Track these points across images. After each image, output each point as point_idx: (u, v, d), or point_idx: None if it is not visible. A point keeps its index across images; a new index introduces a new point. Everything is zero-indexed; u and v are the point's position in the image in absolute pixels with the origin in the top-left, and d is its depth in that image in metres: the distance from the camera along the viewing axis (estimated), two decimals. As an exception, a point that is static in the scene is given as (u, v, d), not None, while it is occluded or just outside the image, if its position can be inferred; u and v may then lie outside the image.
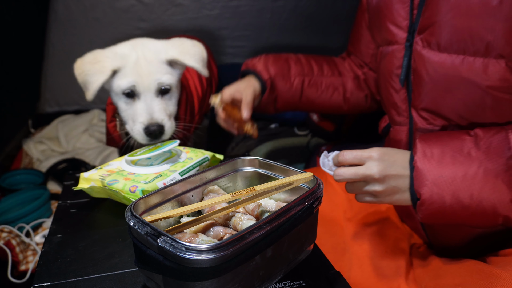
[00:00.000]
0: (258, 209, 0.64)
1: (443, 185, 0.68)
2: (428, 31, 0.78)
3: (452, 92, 0.77)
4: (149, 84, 0.98)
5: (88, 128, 2.00)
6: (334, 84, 1.12)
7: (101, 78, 0.96)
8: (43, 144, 1.93)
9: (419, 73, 0.81)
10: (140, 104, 0.98)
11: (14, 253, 1.23)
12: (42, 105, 2.08)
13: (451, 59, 0.75)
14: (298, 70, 1.10)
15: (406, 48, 0.83)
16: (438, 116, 0.81)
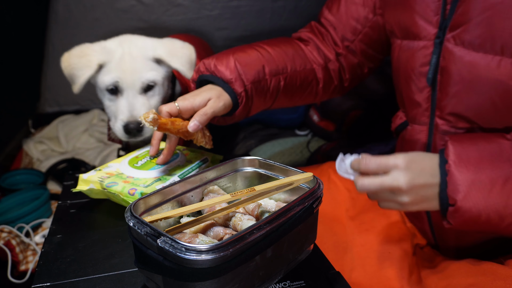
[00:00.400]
0: (258, 209, 0.64)
1: (482, 191, 0.64)
2: (462, 28, 0.73)
3: (482, 94, 0.74)
4: (132, 81, 0.97)
5: (88, 128, 2.00)
6: (308, 79, 0.99)
7: (88, 72, 0.97)
8: (43, 144, 1.93)
9: (449, 72, 0.77)
10: (122, 101, 0.98)
11: (14, 253, 1.23)
12: (42, 105, 2.07)
13: (487, 59, 0.71)
14: (273, 68, 0.93)
15: (435, 45, 0.78)
16: (462, 119, 0.79)
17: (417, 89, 0.84)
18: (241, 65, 0.89)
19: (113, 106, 1.00)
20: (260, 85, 0.91)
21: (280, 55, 0.95)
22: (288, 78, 0.96)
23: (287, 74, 0.95)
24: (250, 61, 0.91)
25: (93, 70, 0.97)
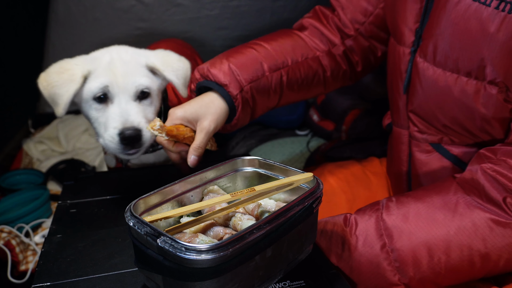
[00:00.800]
0: (258, 209, 0.64)
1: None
2: (425, 41, 0.75)
3: (443, 108, 0.75)
4: (125, 85, 0.84)
5: (88, 128, 2.00)
6: (312, 68, 0.93)
7: (72, 88, 0.83)
8: (43, 144, 1.93)
9: (414, 84, 0.78)
10: (114, 108, 0.83)
11: (14, 253, 1.23)
12: (42, 105, 2.07)
13: (445, 76, 0.72)
14: (272, 64, 0.88)
15: (411, 53, 0.79)
16: (431, 126, 0.80)
17: (398, 93, 0.86)
18: (236, 66, 0.85)
19: (102, 116, 0.84)
20: (261, 84, 0.87)
21: (278, 49, 0.91)
22: (290, 71, 0.91)
23: (288, 67, 0.90)
24: (246, 61, 0.87)
25: (78, 84, 0.83)
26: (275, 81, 0.89)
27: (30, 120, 2.04)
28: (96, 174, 0.96)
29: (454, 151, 0.81)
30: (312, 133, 1.85)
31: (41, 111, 2.09)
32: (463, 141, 0.79)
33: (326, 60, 0.95)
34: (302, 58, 0.92)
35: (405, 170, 0.91)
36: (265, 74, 0.87)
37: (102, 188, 0.89)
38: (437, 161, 0.82)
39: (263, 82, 0.87)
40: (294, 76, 0.91)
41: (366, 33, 0.95)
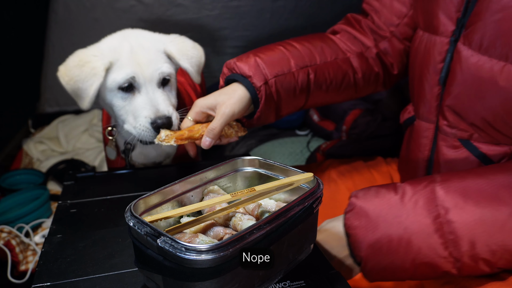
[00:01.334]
0: (258, 209, 0.64)
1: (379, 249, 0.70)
2: (471, 28, 0.72)
3: (484, 99, 0.73)
4: (150, 74, 0.86)
5: (88, 128, 2.00)
6: (342, 69, 0.93)
7: (96, 82, 0.84)
8: (43, 144, 1.93)
9: (454, 72, 0.76)
10: (142, 98, 0.86)
11: (14, 253, 1.23)
12: (42, 105, 2.07)
13: (491, 64, 0.70)
14: (299, 61, 0.88)
15: (450, 43, 0.77)
16: (464, 121, 0.78)
17: (429, 86, 0.83)
18: (263, 61, 0.85)
19: (129, 105, 0.87)
20: (286, 79, 0.86)
21: (307, 48, 0.91)
22: (319, 70, 0.90)
23: (316, 66, 0.90)
24: (273, 56, 0.87)
25: (102, 78, 0.85)
26: (301, 79, 0.88)
27: (30, 120, 2.05)
28: (96, 174, 0.96)
29: (483, 149, 0.79)
30: (312, 133, 1.85)
31: (41, 111, 2.09)
32: (494, 139, 0.77)
33: (357, 62, 0.95)
34: (331, 58, 0.92)
35: (424, 165, 0.89)
36: (292, 70, 0.87)
37: (102, 188, 0.89)
38: (464, 157, 0.81)
39: (288, 78, 0.86)
40: (322, 76, 0.91)
41: (401, 35, 0.95)
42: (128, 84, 0.86)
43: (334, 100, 0.99)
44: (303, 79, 0.88)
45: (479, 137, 0.79)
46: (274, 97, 0.86)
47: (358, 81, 0.96)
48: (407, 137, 0.96)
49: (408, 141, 0.95)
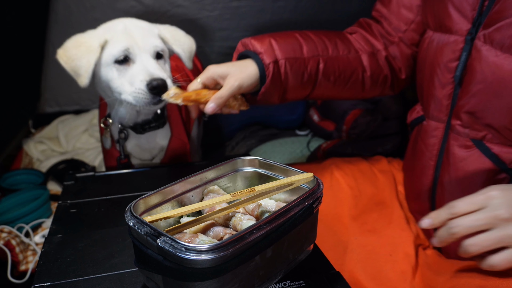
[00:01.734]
0: (258, 209, 0.64)
1: None
2: (495, 27, 0.72)
3: (503, 98, 0.73)
4: (144, 46, 0.92)
5: (88, 128, 2.00)
6: (352, 65, 0.95)
7: (92, 58, 0.89)
8: (43, 144, 1.93)
9: (473, 70, 0.76)
10: (137, 66, 0.90)
11: (14, 253, 1.23)
12: (42, 105, 2.07)
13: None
14: (311, 49, 0.91)
15: (466, 41, 0.77)
16: (479, 121, 0.78)
17: (440, 85, 0.83)
18: (277, 42, 0.88)
19: (125, 75, 0.91)
20: (296, 63, 0.89)
21: (321, 40, 0.94)
22: (329, 61, 0.92)
23: (328, 57, 0.92)
24: (287, 40, 0.90)
25: (97, 54, 0.90)
26: (311, 66, 0.91)
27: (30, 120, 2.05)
28: (96, 174, 0.96)
29: (495, 150, 0.79)
30: (312, 133, 1.85)
31: (41, 111, 2.09)
32: (508, 140, 0.76)
33: (367, 61, 0.97)
34: (343, 52, 0.95)
35: (432, 164, 0.89)
36: (303, 56, 0.90)
37: (102, 188, 0.89)
38: (475, 158, 0.81)
39: (298, 62, 0.89)
40: (331, 67, 0.93)
41: (408, 41, 0.97)
42: (123, 56, 0.91)
43: (341, 94, 1.00)
44: (313, 66, 0.91)
45: (493, 138, 0.78)
46: (281, 78, 0.88)
47: (366, 79, 0.98)
48: (414, 137, 0.96)
49: (415, 140, 0.94)
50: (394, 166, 1.09)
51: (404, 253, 0.87)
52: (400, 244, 0.89)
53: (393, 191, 1.02)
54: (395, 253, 0.87)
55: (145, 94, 0.88)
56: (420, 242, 0.92)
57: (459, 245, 0.63)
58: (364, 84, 0.98)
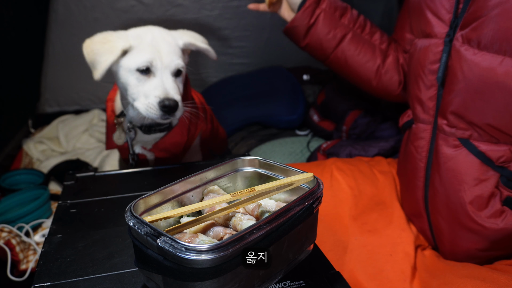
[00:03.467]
0: (258, 209, 0.64)
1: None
2: (470, 27, 0.75)
3: (483, 94, 0.74)
4: (168, 63, 0.97)
5: (88, 128, 2.00)
6: (374, 53, 1.04)
7: (110, 58, 0.95)
8: (43, 144, 1.93)
9: (453, 70, 0.78)
10: (155, 80, 0.96)
11: (14, 252, 1.23)
12: (42, 105, 2.07)
13: (490, 59, 0.72)
14: (349, 22, 1.04)
15: (445, 43, 0.80)
16: (463, 120, 0.79)
17: (425, 87, 0.85)
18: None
19: (142, 86, 0.96)
20: (330, 19, 1.01)
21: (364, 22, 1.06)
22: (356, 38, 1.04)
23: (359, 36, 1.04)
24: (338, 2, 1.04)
25: (116, 56, 0.96)
26: (340, 31, 1.03)
27: (30, 120, 2.05)
28: (96, 174, 0.96)
29: (482, 148, 0.80)
30: (312, 133, 1.85)
31: (41, 111, 2.09)
32: (493, 137, 0.78)
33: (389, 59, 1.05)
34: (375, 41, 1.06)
35: (422, 165, 0.90)
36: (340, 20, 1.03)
37: (102, 188, 0.89)
38: (463, 156, 0.82)
39: (333, 21, 1.02)
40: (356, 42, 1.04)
41: None
42: (145, 67, 0.96)
43: (353, 75, 1.08)
44: (340, 32, 1.03)
45: (479, 136, 0.79)
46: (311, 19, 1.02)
47: (380, 74, 1.04)
48: (405, 140, 0.97)
49: (406, 144, 0.95)
50: (394, 167, 1.09)
51: (404, 252, 0.87)
52: (400, 244, 0.89)
53: (393, 191, 1.02)
54: (395, 253, 0.87)
55: (155, 110, 0.93)
56: (419, 243, 0.92)
57: None
58: (376, 76, 1.04)
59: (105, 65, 0.95)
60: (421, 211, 0.91)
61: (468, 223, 0.81)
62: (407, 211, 0.97)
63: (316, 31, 1.02)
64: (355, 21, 1.04)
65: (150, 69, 0.96)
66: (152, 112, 0.94)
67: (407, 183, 0.96)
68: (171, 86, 0.96)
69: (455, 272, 0.77)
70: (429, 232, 0.91)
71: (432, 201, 0.88)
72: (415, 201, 0.92)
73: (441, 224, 0.86)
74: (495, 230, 0.78)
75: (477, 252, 0.83)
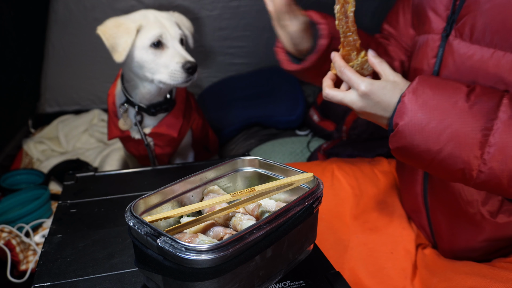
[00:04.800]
0: (258, 209, 0.64)
1: (418, 125, 0.69)
2: (463, 21, 0.76)
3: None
4: (174, 33, 1.11)
5: (88, 128, 2.00)
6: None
7: (130, 39, 1.06)
8: (43, 144, 1.93)
9: (447, 64, 0.80)
10: (170, 51, 1.09)
11: (14, 253, 1.23)
12: (42, 105, 2.07)
13: (481, 52, 0.74)
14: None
15: (442, 38, 0.81)
16: None
17: None
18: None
19: (159, 59, 1.08)
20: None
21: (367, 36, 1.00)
22: None
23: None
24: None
25: (134, 35, 1.07)
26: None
27: (30, 120, 2.04)
28: (96, 174, 0.96)
29: None
30: (312, 133, 1.85)
31: (41, 111, 2.09)
32: None
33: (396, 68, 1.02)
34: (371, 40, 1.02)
35: None
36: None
37: (102, 188, 0.89)
38: None
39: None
40: None
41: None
42: (157, 41, 1.08)
43: None
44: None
45: None
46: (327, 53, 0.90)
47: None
48: None
49: None
50: (394, 166, 1.10)
51: (405, 250, 0.87)
52: (401, 242, 0.89)
53: (394, 191, 1.02)
54: (396, 251, 0.87)
55: (181, 73, 1.07)
56: (420, 241, 0.92)
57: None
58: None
59: (127, 46, 1.06)
60: (420, 207, 0.91)
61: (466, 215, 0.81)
62: (406, 207, 0.97)
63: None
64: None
65: (162, 41, 1.09)
66: (177, 77, 1.07)
67: (406, 178, 0.96)
68: (184, 52, 1.10)
69: (455, 269, 0.78)
70: (428, 228, 0.91)
71: (431, 196, 0.88)
72: (414, 196, 0.92)
73: (440, 218, 0.87)
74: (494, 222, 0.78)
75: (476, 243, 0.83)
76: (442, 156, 0.68)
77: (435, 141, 0.68)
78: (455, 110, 0.67)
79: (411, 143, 0.70)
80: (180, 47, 1.11)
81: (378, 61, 0.76)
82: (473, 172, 0.67)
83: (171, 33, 1.11)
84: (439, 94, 0.69)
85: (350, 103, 0.75)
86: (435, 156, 0.69)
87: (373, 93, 0.72)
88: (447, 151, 0.67)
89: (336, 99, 0.77)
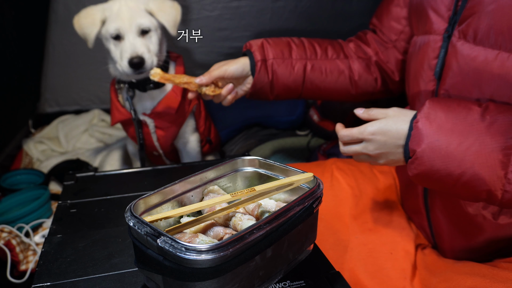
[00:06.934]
0: (258, 209, 0.64)
1: (437, 150, 0.69)
2: (467, 22, 0.76)
3: (480, 87, 0.75)
4: (130, 26, 1.14)
5: (88, 128, 2.00)
6: (339, 67, 1.06)
7: (95, 30, 1.15)
8: (43, 144, 1.93)
9: (450, 65, 0.79)
10: (125, 43, 1.14)
11: (14, 253, 1.23)
12: (42, 105, 2.07)
13: (485, 53, 0.73)
14: (300, 54, 1.05)
15: (444, 39, 0.81)
16: None
17: (424, 83, 0.86)
18: (269, 44, 1.05)
19: (118, 50, 1.16)
20: (284, 64, 1.03)
21: (312, 46, 1.07)
22: (316, 64, 1.05)
23: (315, 60, 1.05)
24: (280, 44, 1.05)
25: (98, 27, 1.15)
26: (297, 68, 1.04)
27: (30, 120, 2.04)
28: (96, 174, 0.96)
29: None
30: (312, 133, 1.85)
31: (41, 111, 2.09)
32: None
33: (356, 65, 1.07)
34: (332, 56, 1.07)
35: None
36: (291, 58, 1.04)
37: (102, 188, 0.89)
38: None
39: (286, 63, 1.04)
40: (318, 68, 1.05)
41: (401, 48, 1.05)
42: (116, 34, 1.15)
43: (331, 94, 1.10)
44: (299, 68, 1.04)
45: None
46: (269, 75, 1.03)
47: (354, 81, 1.07)
48: None
49: None
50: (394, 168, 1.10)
51: (404, 251, 0.87)
52: (400, 242, 0.89)
53: (394, 191, 1.02)
54: (395, 251, 0.87)
55: (126, 68, 1.13)
56: (419, 241, 0.92)
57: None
58: (352, 85, 1.08)
59: (93, 36, 1.16)
60: (420, 207, 0.91)
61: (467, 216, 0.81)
62: (407, 208, 0.97)
63: (278, 81, 1.04)
64: (304, 49, 1.05)
65: (119, 35, 1.15)
66: (125, 71, 1.14)
67: (406, 179, 0.96)
68: (138, 45, 1.14)
69: (455, 270, 0.78)
70: (428, 229, 0.91)
71: (431, 197, 0.88)
72: (414, 196, 0.92)
73: (440, 219, 0.87)
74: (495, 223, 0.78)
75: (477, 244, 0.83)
76: (465, 179, 0.68)
77: (456, 165, 0.67)
78: (472, 131, 0.67)
79: (431, 169, 0.69)
80: (136, 40, 1.14)
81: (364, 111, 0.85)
82: (497, 192, 0.66)
83: (127, 26, 1.14)
84: (452, 117, 0.69)
85: (365, 151, 0.79)
86: (457, 179, 0.68)
87: (380, 128, 0.77)
88: (469, 173, 0.67)
89: (352, 152, 0.82)
